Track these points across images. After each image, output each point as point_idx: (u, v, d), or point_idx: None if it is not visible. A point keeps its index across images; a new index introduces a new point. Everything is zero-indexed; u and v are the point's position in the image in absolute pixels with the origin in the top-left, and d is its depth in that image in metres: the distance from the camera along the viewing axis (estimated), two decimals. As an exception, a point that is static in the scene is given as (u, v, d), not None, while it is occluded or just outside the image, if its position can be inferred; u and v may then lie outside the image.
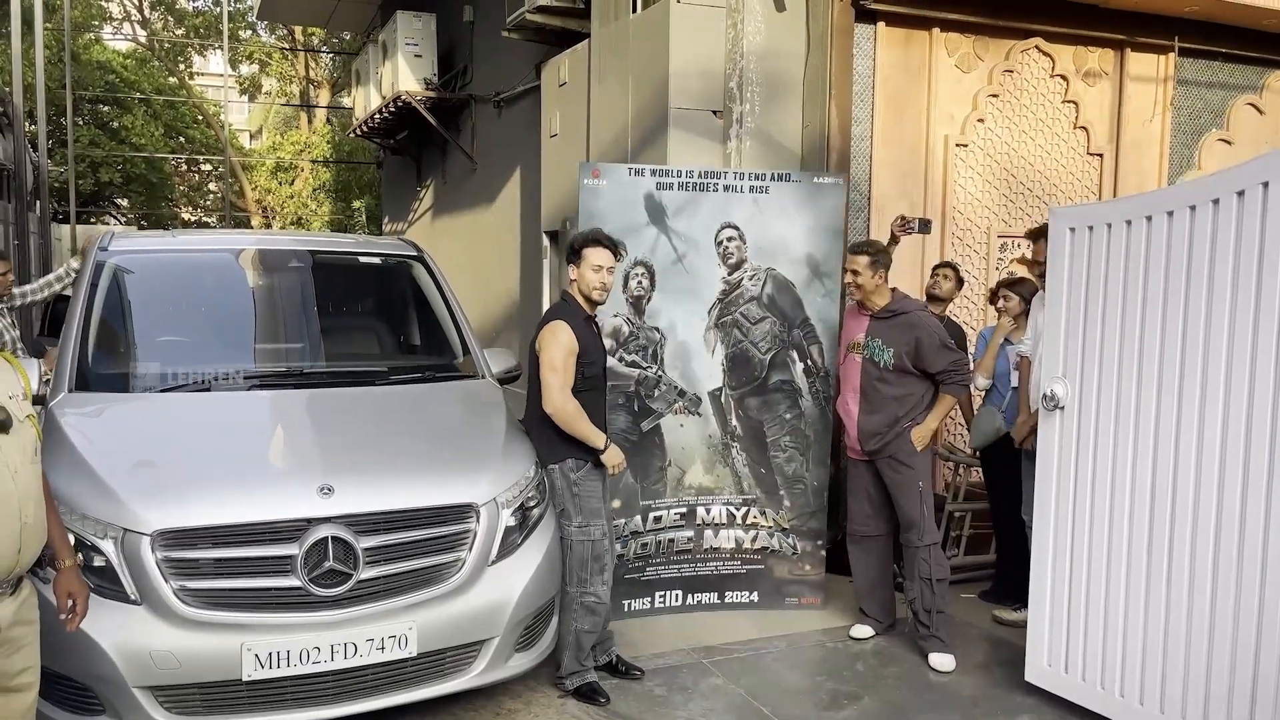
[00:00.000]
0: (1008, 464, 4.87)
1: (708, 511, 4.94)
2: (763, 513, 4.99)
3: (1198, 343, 3.37)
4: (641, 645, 4.46)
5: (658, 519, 4.86)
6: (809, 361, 4.99)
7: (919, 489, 4.40)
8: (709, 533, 4.96)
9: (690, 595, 4.97)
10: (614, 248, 4.01)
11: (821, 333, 4.96)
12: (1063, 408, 3.86)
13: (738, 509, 4.98)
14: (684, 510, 4.92)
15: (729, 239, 4.88)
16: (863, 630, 4.66)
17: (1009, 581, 4.94)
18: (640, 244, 4.76)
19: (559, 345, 3.85)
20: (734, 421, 4.95)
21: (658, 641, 4.54)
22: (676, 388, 4.86)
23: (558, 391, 3.84)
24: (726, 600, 5.01)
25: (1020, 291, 4.97)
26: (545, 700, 3.89)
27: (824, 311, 4.96)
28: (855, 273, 4.41)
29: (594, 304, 4.01)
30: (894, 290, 4.53)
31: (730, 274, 4.92)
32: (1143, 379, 3.56)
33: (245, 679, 3.10)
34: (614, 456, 3.95)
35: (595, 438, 3.90)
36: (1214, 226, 3.33)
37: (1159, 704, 3.52)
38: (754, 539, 5.00)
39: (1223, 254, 3.30)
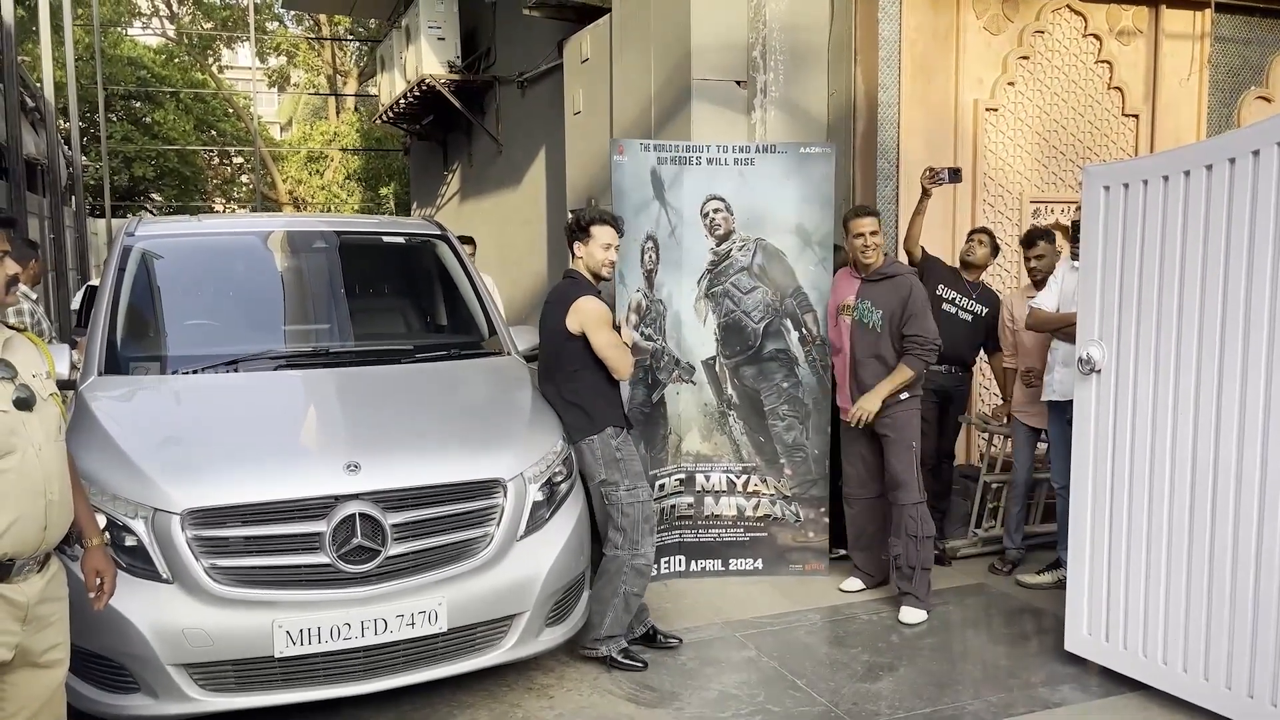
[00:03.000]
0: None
1: (707, 479, 5.00)
2: (763, 480, 5.03)
3: (1239, 300, 3.27)
4: (673, 618, 4.43)
5: (662, 486, 4.92)
6: (803, 330, 5.01)
7: (912, 450, 4.47)
8: (709, 499, 5.01)
9: (694, 562, 5.02)
10: (618, 226, 4.04)
11: (815, 301, 4.97)
12: (1099, 371, 3.77)
13: (737, 477, 5.03)
14: (683, 476, 4.98)
15: (714, 210, 4.90)
16: (854, 584, 4.80)
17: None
18: (649, 218, 4.83)
19: (606, 321, 3.90)
20: (729, 390, 5.00)
21: (689, 615, 4.51)
22: (674, 357, 4.92)
23: (624, 357, 3.92)
24: (731, 568, 5.04)
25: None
26: (578, 674, 3.88)
27: (817, 280, 4.95)
28: (873, 233, 4.49)
29: (600, 280, 4.03)
30: (886, 254, 4.61)
31: (718, 245, 4.93)
32: (1182, 339, 3.46)
33: (277, 655, 3.11)
34: (628, 336, 4.13)
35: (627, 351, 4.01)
36: (1254, 180, 3.22)
37: (1203, 670, 3.44)
38: (756, 506, 5.04)
39: (1263, 208, 3.19)
